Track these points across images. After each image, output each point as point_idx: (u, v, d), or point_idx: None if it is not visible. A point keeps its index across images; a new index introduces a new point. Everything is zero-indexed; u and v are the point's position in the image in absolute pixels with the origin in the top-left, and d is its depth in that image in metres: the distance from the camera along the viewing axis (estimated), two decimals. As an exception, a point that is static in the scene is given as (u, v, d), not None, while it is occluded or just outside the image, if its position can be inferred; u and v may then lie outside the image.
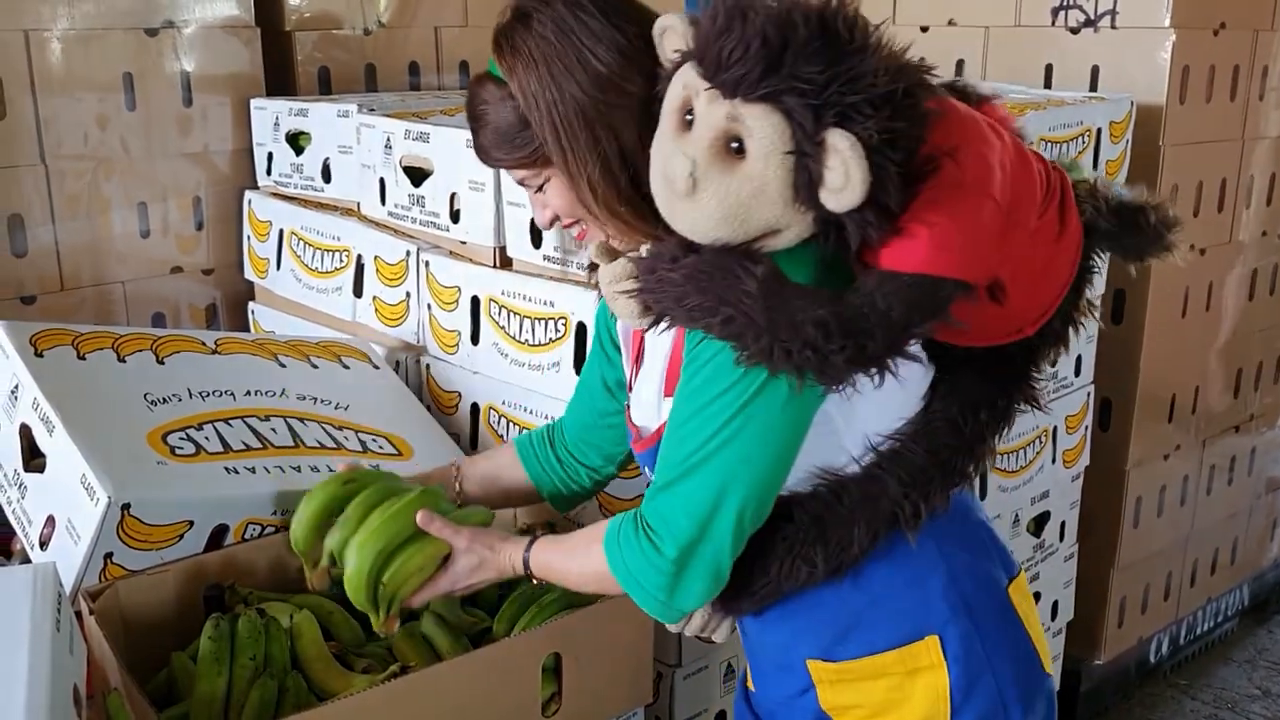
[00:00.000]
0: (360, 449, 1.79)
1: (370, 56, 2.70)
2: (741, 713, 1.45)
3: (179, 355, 1.82)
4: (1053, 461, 2.35)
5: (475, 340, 1.97)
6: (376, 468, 1.76)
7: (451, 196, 1.99)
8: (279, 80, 2.60)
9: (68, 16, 2.28)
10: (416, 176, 2.07)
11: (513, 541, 1.38)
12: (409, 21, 2.75)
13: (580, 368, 1.78)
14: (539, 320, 1.85)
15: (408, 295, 2.09)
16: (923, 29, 2.79)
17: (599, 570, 1.24)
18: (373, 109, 2.21)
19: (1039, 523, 2.39)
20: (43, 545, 1.55)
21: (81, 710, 1.15)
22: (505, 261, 1.94)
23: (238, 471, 1.63)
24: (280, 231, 2.41)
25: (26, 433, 1.63)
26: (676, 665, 1.75)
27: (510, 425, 1.93)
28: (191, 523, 1.55)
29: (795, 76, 1.02)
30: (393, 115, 2.12)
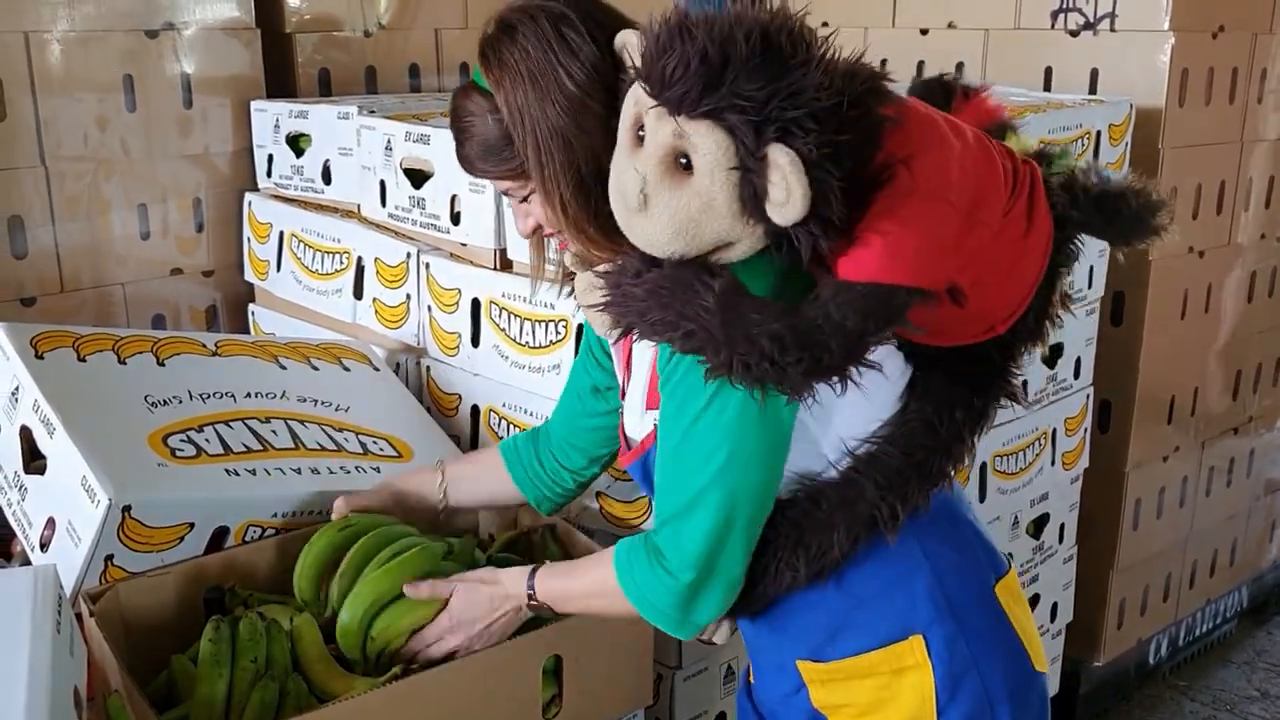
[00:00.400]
0: (361, 451, 1.79)
1: (370, 58, 2.70)
2: (743, 707, 1.46)
3: (179, 357, 1.82)
4: (1052, 463, 2.35)
5: (475, 342, 1.98)
6: (378, 470, 1.77)
7: (452, 199, 1.99)
8: (279, 82, 2.60)
9: (68, 18, 2.28)
10: (417, 178, 2.07)
11: (511, 571, 1.40)
12: (409, 23, 2.75)
13: (580, 370, 1.79)
14: (539, 323, 1.85)
15: (408, 297, 2.09)
16: (922, 31, 2.80)
17: (607, 587, 1.26)
18: (373, 111, 2.21)
19: (1038, 524, 2.40)
20: (43, 547, 1.56)
21: (82, 712, 1.15)
22: (506, 264, 1.94)
23: (238, 473, 1.63)
24: (280, 233, 2.41)
25: (27, 434, 1.63)
26: (677, 667, 1.75)
27: (510, 427, 1.93)
28: (192, 525, 1.55)
29: (735, 94, 1.02)
30: (393, 117, 2.12)
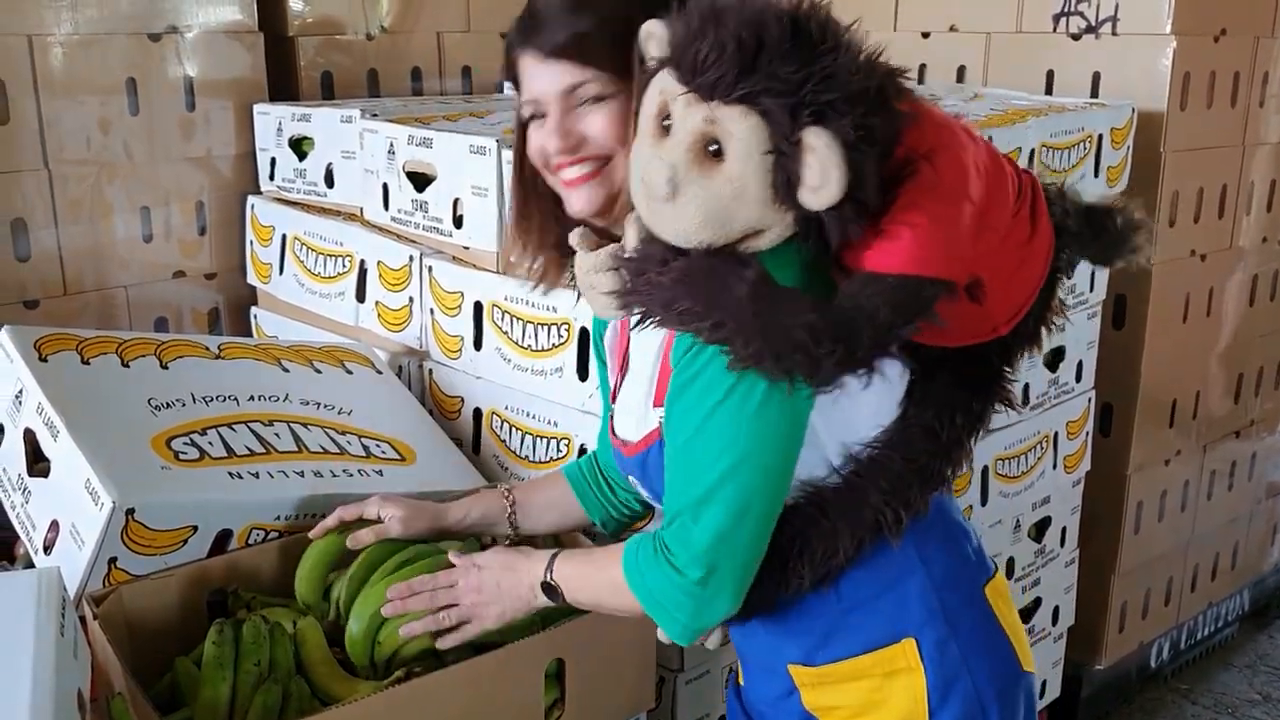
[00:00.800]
0: (363, 454, 1.79)
1: (373, 62, 2.71)
2: (733, 708, 1.45)
3: (182, 360, 1.82)
4: (1054, 467, 2.36)
5: (478, 345, 1.98)
6: (380, 473, 1.77)
7: (454, 202, 1.99)
8: (282, 85, 2.61)
9: (71, 21, 2.28)
10: (419, 182, 2.07)
11: (537, 550, 1.38)
12: (411, 26, 2.75)
13: (581, 373, 1.78)
14: (542, 325, 1.85)
15: (410, 300, 2.09)
16: (924, 35, 2.80)
17: (618, 581, 1.24)
18: (375, 114, 2.21)
19: (1040, 528, 2.40)
20: (47, 550, 1.56)
21: (85, 715, 1.15)
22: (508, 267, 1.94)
23: (241, 476, 1.63)
24: (283, 236, 2.41)
25: (30, 437, 1.63)
26: (679, 670, 1.75)
27: (513, 430, 1.93)
28: (195, 528, 1.55)
29: (771, 77, 1.02)
30: (396, 120, 2.13)
